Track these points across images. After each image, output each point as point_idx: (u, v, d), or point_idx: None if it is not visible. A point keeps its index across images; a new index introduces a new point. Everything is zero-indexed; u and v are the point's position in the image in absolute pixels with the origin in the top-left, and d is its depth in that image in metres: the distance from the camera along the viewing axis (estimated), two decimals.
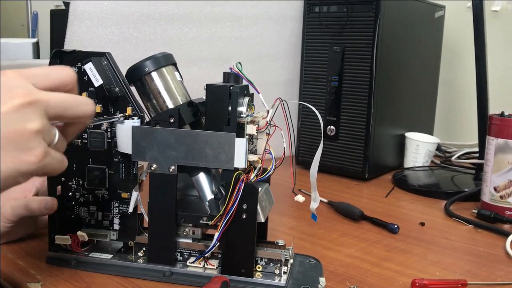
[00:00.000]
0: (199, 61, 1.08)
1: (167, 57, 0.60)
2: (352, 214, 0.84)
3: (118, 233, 0.62)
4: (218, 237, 0.57)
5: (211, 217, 0.57)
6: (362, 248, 0.72)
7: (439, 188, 1.05)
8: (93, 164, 0.61)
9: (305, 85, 1.16)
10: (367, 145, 1.07)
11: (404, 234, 0.78)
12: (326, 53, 1.11)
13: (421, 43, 1.23)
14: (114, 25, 0.95)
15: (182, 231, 0.60)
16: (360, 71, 1.06)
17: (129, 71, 0.59)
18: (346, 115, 1.09)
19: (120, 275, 0.59)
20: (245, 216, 0.56)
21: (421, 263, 0.68)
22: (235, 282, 0.57)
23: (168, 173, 0.57)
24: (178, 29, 1.05)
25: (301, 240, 0.73)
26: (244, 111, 0.57)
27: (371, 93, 1.05)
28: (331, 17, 1.10)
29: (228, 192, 0.56)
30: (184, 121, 0.58)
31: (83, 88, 0.59)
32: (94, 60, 0.58)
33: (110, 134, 0.60)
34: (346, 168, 1.10)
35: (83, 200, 0.62)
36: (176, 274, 0.59)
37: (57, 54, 0.59)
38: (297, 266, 0.63)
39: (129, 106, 0.59)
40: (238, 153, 0.56)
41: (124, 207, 0.61)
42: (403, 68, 1.16)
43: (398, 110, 1.17)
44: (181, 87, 0.61)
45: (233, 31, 1.13)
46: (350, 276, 0.63)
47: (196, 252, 0.60)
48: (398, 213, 0.90)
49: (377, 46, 1.04)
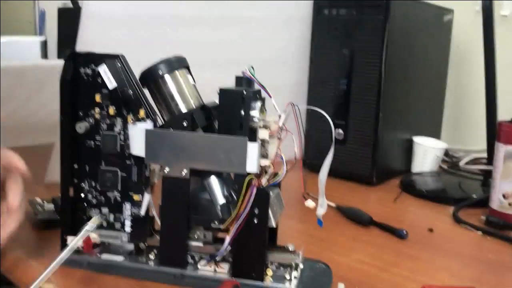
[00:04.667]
0: (209, 63, 1.08)
1: (180, 60, 0.61)
2: (360, 219, 0.84)
3: (130, 235, 0.62)
4: (230, 241, 0.57)
5: (223, 221, 0.58)
6: (370, 253, 0.72)
7: (446, 193, 1.05)
8: (106, 166, 0.61)
9: (313, 88, 1.16)
10: (375, 149, 1.07)
11: (413, 239, 0.78)
12: (334, 56, 1.11)
13: (430, 47, 1.23)
14: (125, 26, 0.95)
15: (194, 234, 0.60)
16: (368, 74, 1.06)
17: (143, 73, 0.60)
18: (355, 119, 1.09)
19: (131, 277, 0.60)
20: (257, 221, 0.57)
21: (430, 269, 0.68)
22: (246, 286, 0.57)
23: (181, 176, 0.58)
24: (189, 30, 1.05)
25: (310, 244, 0.73)
26: (256, 115, 0.57)
27: (379, 96, 1.05)
28: (340, 20, 1.10)
29: (240, 197, 0.56)
30: (197, 125, 0.58)
31: (97, 90, 0.60)
32: (108, 63, 0.58)
33: (123, 137, 0.60)
34: (354, 173, 1.10)
35: (95, 202, 0.62)
36: (187, 277, 0.59)
37: (72, 56, 0.59)
38: (306, 271, 0.63)
39: (142, 108, 0.59)
40: (250, 158, 0.56)
41: (136, 209, 0.61)
42: (412, 72, 1.16)
43: (406, 114, 1.17)
44: (194, 90, 0.61)
45: (242, 34, 1.14)
46: (359, 281, 0.63)
47: (207, 255, 0.60)
48: (406, 219, 0.90)
49: (386, 49, 1.04)
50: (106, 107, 0.60)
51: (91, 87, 0.60)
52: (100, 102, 0.60)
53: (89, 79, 0.60)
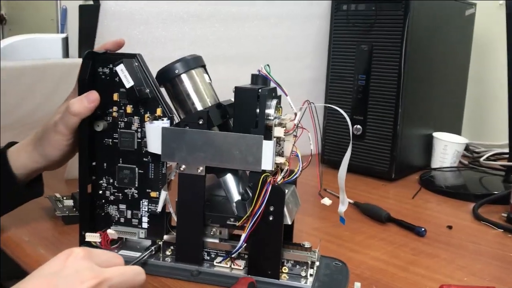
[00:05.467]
0: (226, 61, 1.09)
1: (196, 59, 0.61)
2: (378, 216, 0.83)
3: (147, 232, 0.63)
4: (245, 238, 0.57)
5: (238, 218, 0.58)
6: (388, 251, 0.72)
7: (467, 190, 1.03)
8: (123, 164, 0.62)
9: (331, 84, 1.15)
10: (394, 145, 1.06)
11: (431, 237, 0.77)
12: (353, 51, 1.10)
13: (451, 41, 1.21)
14: (143, 25, 0.96)
15: (210, 231, 0.61)
16: (388, 69, 1.05)
17: (159, 73, 0.60)
18: (373, 115, 1.08)
19: (148, 273, 0.60)
20: (272, 218, 0.57)
21: (449, 268, 0.67)
22: (262, 284, 0.58)
23: (197, 173, 0.58)
24: (206, 28, 1.06)
25: (327, 241, 0.73)
26: (272, 113, 0.57)
27: (399, 92, 1.04)
28: (359, 15, 1.09)
29: (255, 194, 0.56)
30: (212, 123, 0.58)
31: (114, 89, 0.61)
32: (125, 62, 0.59)
33: (140, 134, 0.61)
34: (373, 168, 1.09)
35: (113, 198, 0.63)
36: (204, 273, 0.60)
37: (90, 55, 0.60)
38: (323, 269, 0.63)
39: (159, 107, 0.60)
40: (265, 156, 0.56)
41: (153, 206, 0.62)
42: (432, 66, 1.15)
43: (426, 109, 1.16)
44: (210, 89, 0.62)
45: (260, 30, 1.13)
46: (376, 280, 0.62)
47: (223, 252, 0.61)
48: (425, 215, 0.89)
49: (405, 44, 1.02)
50: (124, 106, 0.61)
51: (108, 86, 0.61)
52: (118, 101, 0.61)
53: (106, 78, 0.61)
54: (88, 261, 0.45)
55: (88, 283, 0.43)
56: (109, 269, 0.46)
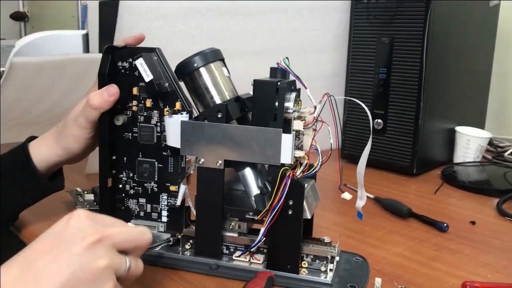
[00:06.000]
0: (244, 54, 1.08)
1: (215, 53, 0.61)
2: (399, 211, 0.82)
3: (166, 225, 0.63)
4: (264, 232, 0.57)
5: (257, 212, 0.58)
6: (410, 247, 0.70)
7: (490, 185, 1.01)
8: (143, 158, 0.62)
9: (351, 77, 1.14)
10: (415, 139, 1.04)
11: (454, 233, 0.76)
12: (374, 44, 1.08)
13: (474, 33, 1.18)
14: (162, 19, 0.96)
15: (228, 225, 0.60)
16: (409, 63, 1.03)
17: (178, 66, 0.60)
18: (394, 108, 1.07)
19: (167, 266, 0.61)
20: (291, 212, 0.56)
21: (472, 264, 0.66)
22: (281, 278, 0.57)
23: (216, 167, 0.58)
24: (224, 22, 1.05)
25: (347, 237, 0.73)
26: (291, 106, 0.56)
27: (420, 85, 1.02)
28: (380, 8, 1.07)
29: (274, 188, 0.56)
30: (231, 116, 0.58)
31: (134, 83, 0.61)
32: (144, 56, 0.59)
33: (160, 129, 0.61)
34: (394, 163, 1.07)
35: (133, 192, 0.63)
36: (222, 267, 0.60)
37: (109, 49, 0.60)
38: (343, 264, 0.62)
39: (178, 101, 0.60)
40: (284, 149, 0.55)
41: (172, 200, 0.62)
42: (455, 59, 1.12)
43: (448, 103, 1.13)
44: (228, 82, 0.61)
45: (278, 23, 1.12)
46: (397, 276, 0.61)
47: (241, 246, 0.61)
48: (447, 211, 0.88)
49: (427, 37, 1.00)
50: (143, 100, 0.61)
51: (128, 80, 0.61)
52: (137, 95, 0.61)
53: (126, 72, 0.61)
54: (91, 220, 0.45)
55: (90, 239, 0.43)
56: (112, 227, 0.46)
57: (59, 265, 0.41)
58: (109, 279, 0.43)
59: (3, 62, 2.43)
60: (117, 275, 0.45)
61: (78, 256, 0.42)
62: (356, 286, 0.57)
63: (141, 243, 0.48)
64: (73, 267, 0.41)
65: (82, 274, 0.42)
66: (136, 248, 0.48)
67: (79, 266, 0.42)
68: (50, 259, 0.42)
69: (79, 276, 0.41)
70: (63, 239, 0.43)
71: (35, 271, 0.41)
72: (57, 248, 0.42)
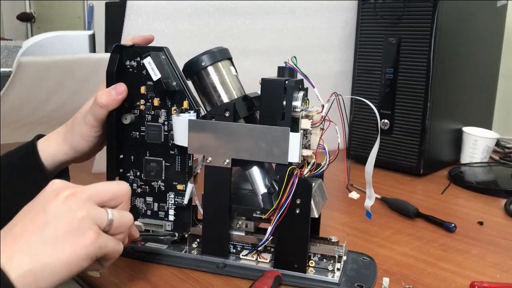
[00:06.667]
0: (251, 54, 1.08)
1: (223, 52, 0.61)
2: (406, 211, 0.81)
3: (173, 224, 0.63)
4: (271, 231, 0.57)
5: (264, 211, 0.58)
6: (417, 247, 0.70)
7: (498, 185, 1.00)
8: (150, 156, 0.62)
9: (358, 77, 1.13)
10: (422, 140, 1.04)
11: (461, 233, 0.76)
12: (381, 44, 1.08)
13: (482, 34, 1.17)
14: (169, 19, 0.96)
15: (235, 224, 0.60)
16: (416, 63, 1.03)
17: (186, 65, 0.60)
18: (401, 109, 1.06)
19: (174, 265, 0.61)
20: (299, 211, 0.56)
21: (480, 265, 0.65)
22: (288, 277, 0.57)
23: (223, 166, 0.58)
24: (231, 21, 1.05)
25: (354, 236, 0.72)
26: (298, 105, 0.56)
27: (428, 85, 1.02)
28: (387, 8, 1.07)
29: (282, 187, 0.55)
30: (239, 115, 0.58)
31: (142, 82, 0.61)
32: (152, 55, 0.59)
33: (167, 127, 0.61)
34: (400, 163, 1.07)
35: (140, 191, 0.63)
36: (229, 266, 0.60)
37: (117, 48, 0.60)
38: (350, 263, 0.62)
39: (186, 100, 0.60)
40: (292, 148, 0.55)
41: (179, 199, 0.62)
42: (462, 60, 1.12)
43: (455, 103, 1.13)
44: (236, 81, 0.61)
45: (285, 23, 1.12)
46: (405, 276, 0.61)
47: (248, 245, 0.61)
48: (454, 211, 0.87)
49: (435, 37, 1.00)
50: (151, 99, 0.61)
51: (136, 79, 0.61)
52: (145, 94, 0.61)
53: (134, 71, 0.61)
54: (64, 183, 0.47)
55: (63, 194, 0.45)
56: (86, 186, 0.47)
57: (36, 223, 0.43)
58: (88, 229, 0.44)
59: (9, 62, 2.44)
60: (101, 227, 0.46)
61: (54, 211, 0.44)
62: (364, 285, 0.57)
63: (119, 193, 0.49)
64: (50, 223, 0.43)
65: (59, 226, 0.43)
66: (116, 199, 0.49)
67: (55, 219, 0.43)
68: (26, 221, 0.43)
69: (56, 228, 0.43)
70: (38, 202, 0.45)
71: (13, 234, 0.42)
72: (33, 211, 0.44)
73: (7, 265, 0.40)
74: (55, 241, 0.42)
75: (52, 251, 0.42)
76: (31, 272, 0.41)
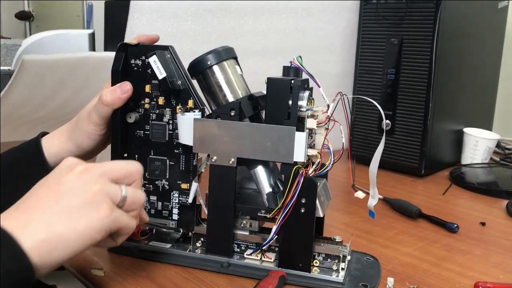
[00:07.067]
0: (254, 54, 1.08)
1: (228, 51, 0.61)
2: (409, 212, 0.82)
3: (177, 223, 0.63)
4: (276, 230, 0.57)
5: (269, 210, 0.58)
6: (420, 247, 0.70)
7: (499, 186, 1.01)
8: (155, 155, 0.62)
9: (360, 77, 1.14)
10: (424, 140, 1.04)
11: (464, 234, 0.76)
12: (382, 45, 1.08)
13: (483, 35, 1.18)
14: (173, 18, 0.96)
15: (240, 223, 0.60)
16: (418, 63, 1.03)
17: (191, 64, 0.60)
18: (403, 109, 1.06)
19: (179, 264, 0.61)
20: (304, 210, 0.56)
21: (483, 265, 0.66)
22: (292, 276, 0.57)
23: (228, 165, 0.58)
24: (235, 21, 1.05)
25: (357, 237, 0.72)
26: (304, 105, 0.56)
27: (429, 86, 1.02)
28: (389, 8, 1.07)
29: (287, 186, 0.55)
30: (244, 115, 0.58)
31: (147, 81, 0.61)
32: (158, 53, 0.59)
33: (172, 126, 0.61)
34: (402, 164, 1.07)
35: (144, 190, 0.63)
36: (234, 265, 0.60)
37: (123, 47, 0.60)
38: (354, 263, 0.62)
39: (191, 99, 0.59)
40: (297, 147, 0.55)
41: (183, 198, 0.62)
42: (463, 60, 1.12)
43: (456, 104, 1.13)
44: (241, 81, 0.61)
45: (288, 23, 1.12)
46: (409, 276, 0.61)
47: (253, 244, 0.60)
48: (456, 212, 0.88)
49: (437, 38, 1.00)
50: (156, 98, 0.61)
51: (141, 77, 0.61)
52: (150, 93, 0.61)
53: (139, 70, 0.61)
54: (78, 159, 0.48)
55: (78, 169, 0.46)
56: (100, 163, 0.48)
57: (51, 195, 0.43)
58: (103, 202, 0.45)
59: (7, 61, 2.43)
60: (115, 202, 0.46)
61: (68, 183, 0.44)
62: (368, 285, 0.57)
63: (132, 171, 0.50)
64: (65, 194, 0.43)
65: (73, 198, 0.43)
66: (129, 177, 0.49)
67: (70, 191, 0.44)
68: (41, 192, 0.44)
69: (71, 201, 0.43)
70: (53, 176, 0.46)
71: (27, 205, 0.43)
72: (47, 183, 0.45)
73: (20, 231, 0.40)
74: (70, 212, 0.43)
75: (67, 222, 0.42)
76: (46, 241, 0.41)
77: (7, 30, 3.39)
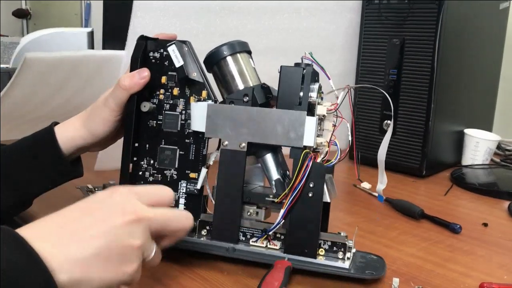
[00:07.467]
0: (257, 53, 1.07)
1: (242, 44, 0.63)
2: (411, 212, 0.81)
3: None
4: (284, 214, 0.57)
5: (277, 196, 0.58)
6: (424, 248, 0.70)
7: (500, 187, 1.01)
8: (165, 145, 0.62)
9: (362, 78, 1.14)
10: (425, 141, 1.04)
11: (466, 234, 0.75)
12: (384, 45, 1.09)
13: (484, 35, 1.18)
14: (176, 17, 0.96)
15: (246, 211, 0.60)
16: (420, 64, 1.04)
17: (207, 56, 0.62)
18: (404, 110, 1.07)
19: (184, 248, 0.60)
20: (311, 195, 0.57)
21: (487, 266, 0.65)
22: (298, 262, 0.57)
23: (239, 149, 0.58)
24: (237, 20, 1.05)
25: (361, 237, 0.71)
26: (314, 96, 0.58)
27: (431, 87, 1.02)
28: (392, 9, 1.07)
29: (296, 170, 0.56)
30: (257, 101, 0.59)
31: (163, 72, 0.62)
32: (177, 43, 0.61)
33: (185, 116, 0.62)
34: (403, 164, 1.07)
35: (152, 179, 0.63)
36: (239, 250, 0.59)
37: (143, 38, 0.62)
38: (359, 258, 0.62)
39: (205, 90, 0.61)
40: (307, 132, 0.57)
41: (191, 186, 0.62)
42: (465, 61, 1.13)
43: (458, 105, 1.14)
44: (254, 73, 0.63)
45: (291, 23, 1.13)
46: (413, 276, 0.61)
47: (258, 232, 0.60)
48: (458, 212, 0.88)
49: (439, 38, 1.01)
50: (171, 88, 0.62)
51: (158, 69, 0.63)
52: (165, 84, 0.63)
53: (156, 62, 0.63)
54: (134, 197, 0.45)
55: (129, 216, 0.43)
56: (152, 209, 0.45)
57: (96, 231, 0.41)
58: (136, 260, 0.43)
59: (5, 59, 2.42)
60: (143, 258, 0.45)
61: (116, 228, 0.42)
62: (374, 272, 0.57)
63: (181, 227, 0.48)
64: (109, 237, 0.41)
65: (115, 246, 0.41)
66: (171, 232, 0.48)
67: (115, 238, 0.41)
68: (87, 223, 0.41)
69: (112, 248, 0.41)
70: (103, 208, 0.43)
71: (71, 230, 0.41)
72: (96, 215, 0.42)
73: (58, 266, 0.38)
74: (107, 259, 0.41)
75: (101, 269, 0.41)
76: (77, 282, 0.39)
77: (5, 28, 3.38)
